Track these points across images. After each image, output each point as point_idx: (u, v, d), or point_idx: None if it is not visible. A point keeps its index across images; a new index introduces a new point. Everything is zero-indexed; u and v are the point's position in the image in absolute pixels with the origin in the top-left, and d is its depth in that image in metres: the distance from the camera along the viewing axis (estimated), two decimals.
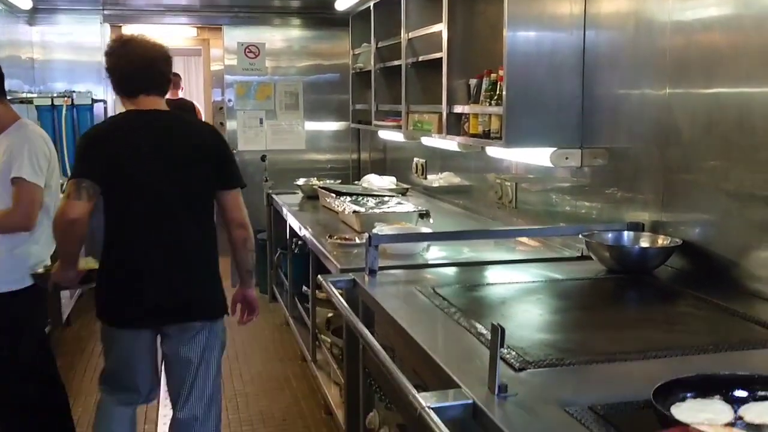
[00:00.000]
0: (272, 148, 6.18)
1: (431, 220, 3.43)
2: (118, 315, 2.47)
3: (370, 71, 4.74)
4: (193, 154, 2.45)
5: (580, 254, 2.62)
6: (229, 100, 6.30)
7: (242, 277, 2.74)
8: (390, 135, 4.80)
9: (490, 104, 2.91)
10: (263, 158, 5.73)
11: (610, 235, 2.39)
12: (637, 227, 2.42)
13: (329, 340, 3.54)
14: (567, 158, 2.74)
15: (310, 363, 3.82)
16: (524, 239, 3.02)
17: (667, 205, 2.35)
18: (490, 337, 1.61)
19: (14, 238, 2.67)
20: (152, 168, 2.38)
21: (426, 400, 1.30)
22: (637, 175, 2.50)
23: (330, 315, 3.69)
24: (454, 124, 3.29)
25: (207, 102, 8.07)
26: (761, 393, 1.25)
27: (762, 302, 1.94)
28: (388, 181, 4.86)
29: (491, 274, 2.49)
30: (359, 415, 2.43)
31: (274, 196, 4.99)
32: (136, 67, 2.43)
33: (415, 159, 4.89)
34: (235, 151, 6.04)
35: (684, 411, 1.20)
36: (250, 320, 2.83)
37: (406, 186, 4.85)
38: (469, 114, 3.14)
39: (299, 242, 4.28)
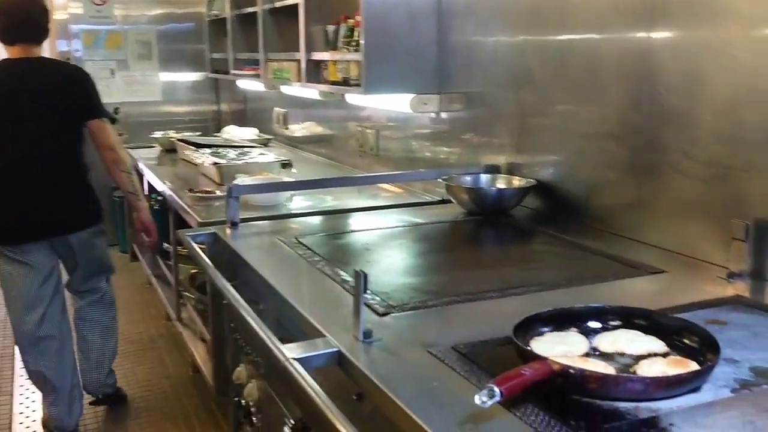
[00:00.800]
0: (126, 100, 5.87)
1: (294, 170, 3.39)
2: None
3: (225, 19, 4.58)
4: (60, 87, 2.86)
5: (440, 199, 2.65)
6: (76, 51, 5.92)
7: (128, 200, 3.15)
8: (249, 85, 4.67)
9: (349, 51, 2.88)
10: (116, 111, 5.43)
11: (468, 178, 2.44)
12: (493, 170, 2.47)
13: (194, 296, 3.45)
14: (425, 104, 2.75)
15: (175, 321, 3.71)
16: (387, 186, 3.03)
17: (522, 148, 2.42)
18: (352, 283, 1.61)
19: None
20: (22, 100, 2.78)
21: (289, 352, 1.28)
22: (493, 119, 2.55)
23: (193, 271, 3.59)
24: (314, 72, 3.23)
25: (52, 53, 7.56)
26: (613, 323, 1.31)
27: (612, 237, 2.03)
28: (249, 132, 4.75)
29: (355, 221, 2.48)
30: (227, 371, 2.39)
31: (129, 150, 4.76)
32: (15, 19, 2.78)
33: (276, 109, 4.79)
34: None
35: (542, 345, 1.24)
36: (150, 244, 3.23)
37: (268, 137, 4.76)
38: (327, 61, 3.09)
39: (158, 198, 4.12)
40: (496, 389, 0.98)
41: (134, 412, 3.27)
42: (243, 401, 2.05)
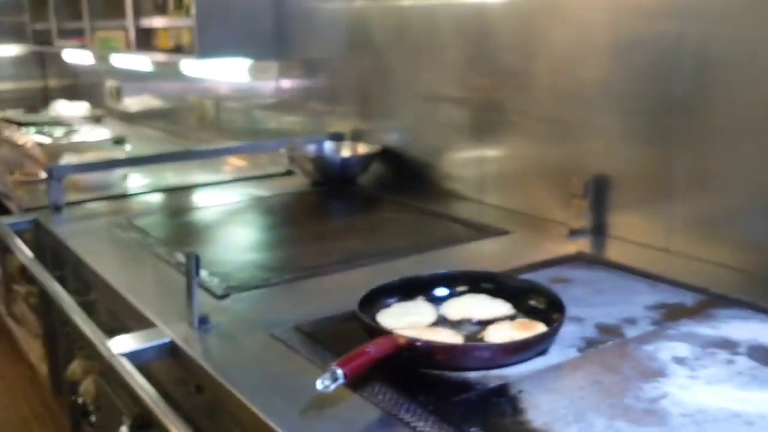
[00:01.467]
0: None
1: (128, 147, 3.17)
2: None
3: None
4: None
5: (286, 170, 2.56)
6: None
7: None
8: (77, 57, 4.34)
9: (180, 16, 2.70)
10: None
11: (311, 147, 2.35)
12: (338, 137, 2.40)
13: (24, 290, 3.18)
14: (264, 72, 2.64)
15: (5, 317, 3.42)
16: (231, 159, 2.89)
17: (366, 114, 2.36)
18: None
19: None
20: None
21: (116, 346, 1.16)
22: (335, 86, 2.48)
23: (21, 264, 3.31)
24: (144, 40, 3.02)
25: None
26: (460, 288, 1.27)
27: (457, 200, 2.02)
28: (79, 108, 4.44)
29: (196, 197, 2.34)
30: (61, 368, 2.21)
31: None
32: None
33: (109, 82, 4.50)
34: None
35: (390, 317, 1.18)
36: None
37: (100, 112, 4.46)
38: (158, 28, 2.89)
39: None
40: (339, 371, 0.91)
41: None
42: (79, 399, 1.89)
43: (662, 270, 1.43)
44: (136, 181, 2.63)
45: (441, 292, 1.26)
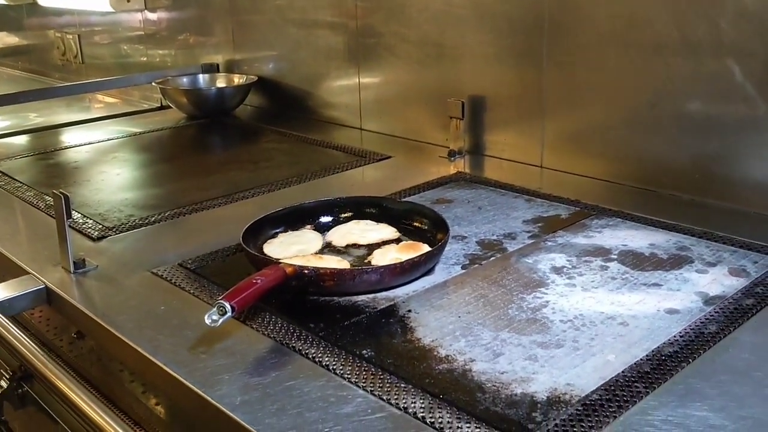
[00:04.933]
0: None
1: None
2: None
3: None
4: None
5: (159, 105, 2.46)
6: None
7: None
8: None
9: None
10: None
11: (185, 80, 2.27)
12: (212, 69, 2.32)
13: None
14: (128, 2, 2.50)
15: None
16: (100, 97, 2.75)
17: (240, 45, 2.28)
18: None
19: None
20: None
21: None
22: (206, 16, 2.38)
23: None
24: None
25: None
26: (344, 215, 1.27)
27: (338, 128, 2.01)
28: None
29: (64, 138, 2.22)
30: None
31: None
32: None
33: None
34: None
35: (276, 247, 1.17)
36: None
37: None
38: None
39: None
40: (227, 305, 0.90)
41: None
42: None
43: (538, 185, 1.48)
44: None
45: (326, 219, 1.26)
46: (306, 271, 1.00)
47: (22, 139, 2.24)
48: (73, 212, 1.31)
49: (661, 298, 1.01)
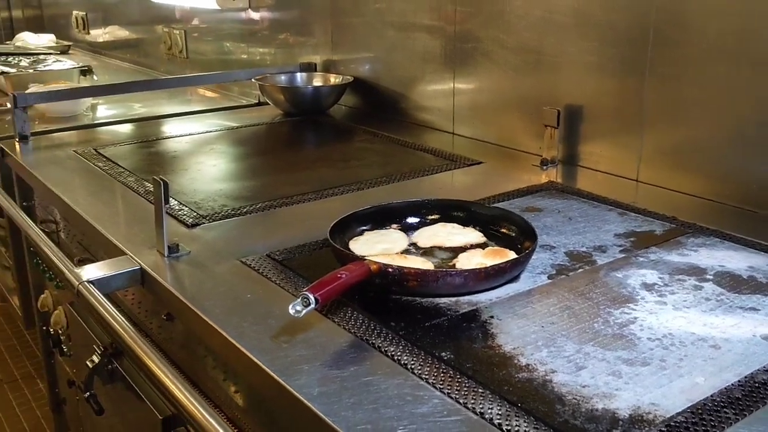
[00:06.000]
0: None
1: (95, 77, 3.09)
2: None
3: None
4: None
5: (257, 101, 2.52)
6: None
7: None
8: None
9: None
10: None
11: (283, 77, 2.31)
12: (309, 68, 2.36)
13: None
14: (234, 1, 2.56)
15: None
16: (201, 91, 2.84)
17: (338, 45, 2.31)
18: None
19: None
20: None
21: (84, 274, 1.14)
22: (307, 16, 2.42)
23: None
24: None
25: None
26: (431, 217, 1.27)
27: (429, 131, 2.00)
28: (45, 39, 4.30)
29: (165, 128, 2.30)
30: (33, 299, 2.19)
31: None
32: None
33: (75, 12, 4.36)
34: None
35: (362, 244, 1.18)
36: None
37: (67, 43, 4.33)
38: None
39: None
40: (311, 296, 0.91)
41: None
42: (51, 329, 1.88)
43: (632, 199, 1.44)
44: (103, 112, 2.58)
45: (413, 220, 1.26)
46: (390, 270, 1.01)
47: (126, 128, 2.33)
48: (170, 199, 1.35)
49: (758, 323, 0.97)
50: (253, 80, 2.31)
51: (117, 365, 1.47)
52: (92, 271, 1.16)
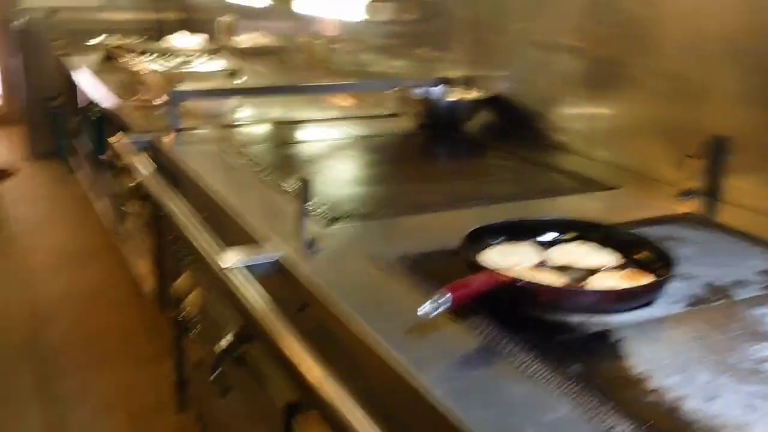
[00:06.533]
0: (63, 4, 5.55)
1: (241, 80, 3.24)
2: None
3: None
4: None
5: (392, 112, 2.57)
6: None
7: None
8: None
9: None
10: (51, 15, 5.16)
11: (420, 90, 2.35)
12: (446, 82, 2.39)
13: (133, 209, 3.33)
14: (378, 11, 2.63)
15: (115, 235, 3.60)
16: (337, 100, 2.93)
17: (477, 61, 2.33)
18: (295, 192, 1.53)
19: None
20: None
21: (227, 259, 1.21)
22: (448, 31, 2.45)
23: (133, 183, 3.46)
24: None
25: None
26: (566, 236, 1.27)
27: (564, 153, 1.99)
28: (193, 41, 4.55)
29: (302, 132, 2.39)
30: (167, 283, 2.32)
31: (65, 58, 4.53)
32: None
33: (222, 18, 4.59)
34: (18, 9, 5.40)
35: (493, 256, 1.19)
36: None
37: (213, 47, 4.56)
38: None
39: (96, 108, 3.94)
40: (444, 297, 0.93)
41: (73, 326, 3.19)
42: (183, 313, 1.99)
43: None
44: (243, 113, 2.70)
45: (547, 237, 1.26)
46: (522, 283, 1.01)
47: (263, 129, 2.43)
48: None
49: None
50: (391, 91, 2.36)
51: (245, 351, 1.54)
52: (235, 256, 1.22)
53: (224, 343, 1.56)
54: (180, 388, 2.29)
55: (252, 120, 2.59)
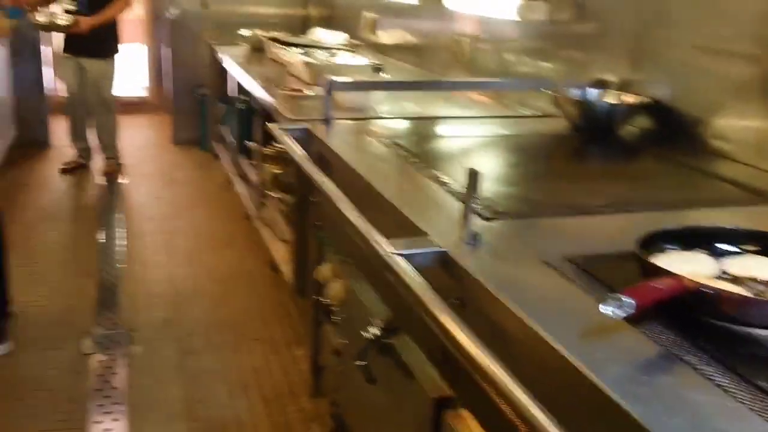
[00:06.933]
0: None
1: (385, 75, 3.28)
2: None
3: None
4: None
5: (537, 113, 2.53)
6: None
7: None
8: None
9: None
10: (204, 6, 5.40)
11: (576, 90, 2.29)
12: (602, 85, 2.32)
13: (276, 196, 3.44)
14: (532, 11, 2.59)
15: (255, 220, 3.72)
16: (477, 98, 2.90)
17: (637, 64, 2.25)
18: (453, 186, 1.53)
19: None
20: None
21: (393, 247, 1.22)
22: (605, 32, 2.38)
23: (276, 172, 3.57)
24: None
25: None
26: (743, 247, 1.20)
27: (728, 162, 1.89)
28: (337, 36, 4.64)
29: (448, 128, 2.39)
30: (307, 270, 2.37)
31: (216, 47, 4.73)
32: None
33: (366, 14, 4.65)
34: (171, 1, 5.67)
35: (666, 263, 1.14)
36: None
37: (356, 42, 4.63)
38: None
39: (244, 96, 4.09)
40: (629, 300, 0.90)
41: (212, 306, 3.32)
42: (324, 300, 2.02)
43: None
44: (383, 107, 2.72)
45: (725, 247, 1.19)
46: (707, 291, 0.97)
47: (407, 124, 2.43)
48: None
49: None
50: (542, 90, 2.32)
51: (393, 342, 1.55)
52: (400, 245, 1.23)
53: (374, 331, 1.57)
54: (316, 374, 2.33)
55: (396, 114, 2.60)
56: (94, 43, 4.85)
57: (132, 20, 9.67)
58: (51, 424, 2.45)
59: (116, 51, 5.04)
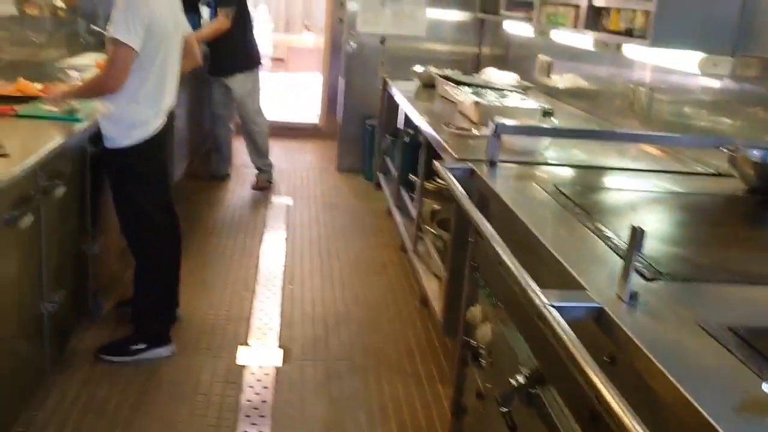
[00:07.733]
0: (391, 33, 5.98)
1: (555, 120, 3.26)
2: None
3: None
4: None
5: (714, 172, 2.42)
6: None
7: None
8: (516, 28, 4.55)
9: None
10: (382, 41, 5.59)
11: (756, 151, 2.18)
12: None
13: (433, 231, 3.48)
14: (715, 65, 2.49)
15: (410, 253, 3.78)
16: (650, 150, 2.82)
17: None
18: (615, 241, 1.50)
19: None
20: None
21: (549, 298, 1.21)
22: None
23: (436, 207, 3.62)
24: (593, 19, 3.05)
25: None
26: None
27: None
28: (509, 77, 4.65)
29: (614, 180, 2.33)
30: (458, 309, 2.38)
31: (389, 81, 4.88)
32: None
33: (540, 56, 4.64)
34: (353, 32, 5.91)
35: None
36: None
37: (527, 84, 4.63)
38: (611, 8, 2.90)
39: (411, 130, 4.19)
40: None
41: (359, 331, 3.39)
42: (473, 342, 2.03)
43: None
44: (552, 153, 2.69)
45: None
46: None
47: (573, 172, 2.40)
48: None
49: None
50: (721, 148, 2.22)
51: (539, 392, 1.53)
52: (556, 296, 1.22)
53: (520, 379, 1.57)
54: (457, 414, 2.33)
55: (563, 161, 2.58)
56: (221, 62, 5.20)
57: (312, 50, 10.18)
58: (202, 428, 2.59)
59: (247, 66, 5.31)
